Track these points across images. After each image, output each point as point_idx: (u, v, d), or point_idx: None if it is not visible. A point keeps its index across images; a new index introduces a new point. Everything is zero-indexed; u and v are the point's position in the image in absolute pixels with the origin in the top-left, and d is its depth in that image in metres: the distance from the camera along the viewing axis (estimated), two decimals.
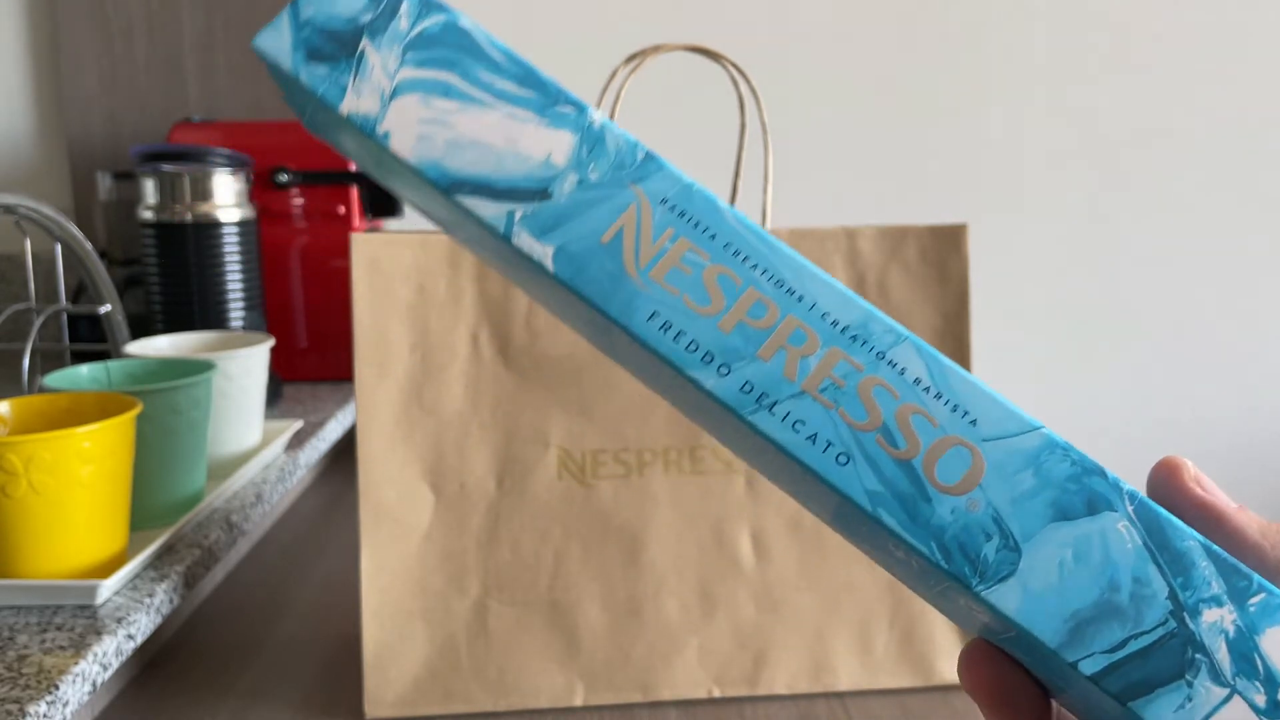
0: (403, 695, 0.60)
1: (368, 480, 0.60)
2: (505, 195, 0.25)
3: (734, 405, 0.24)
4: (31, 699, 0.48)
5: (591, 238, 0.25)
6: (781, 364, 0.24)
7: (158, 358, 0.75)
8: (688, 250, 0.25)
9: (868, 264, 0.63)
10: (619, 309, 0.24)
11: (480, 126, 0.25)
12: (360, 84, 0.25)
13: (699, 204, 0.25)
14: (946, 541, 0.23)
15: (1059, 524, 0.23)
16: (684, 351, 0.24)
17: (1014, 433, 0.24)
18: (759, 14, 1.43)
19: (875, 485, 0.23)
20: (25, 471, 0.55)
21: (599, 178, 0.25)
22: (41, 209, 0.77)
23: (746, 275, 0.25)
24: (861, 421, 0.24)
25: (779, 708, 0.62)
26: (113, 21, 1.33)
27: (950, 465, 0.24)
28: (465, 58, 0.26)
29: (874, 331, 0.24)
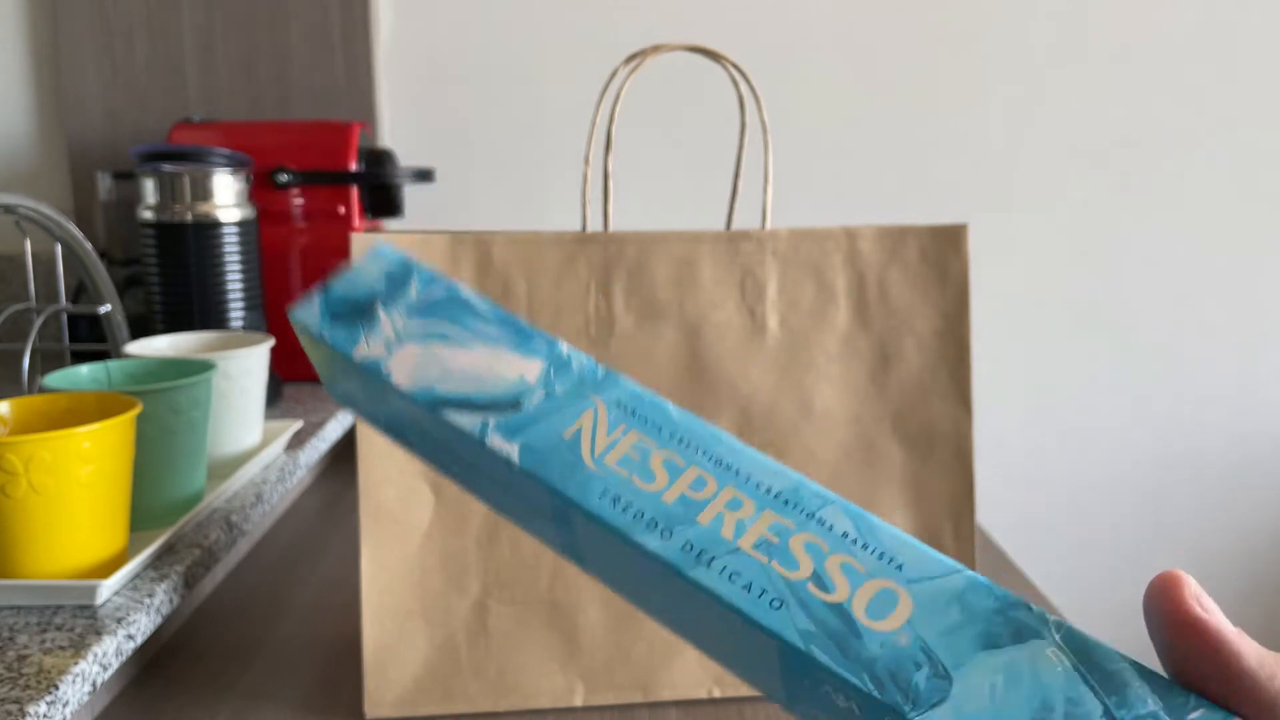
0: (403, 695, 0.60)
1: (368, 480, 0.60)
2: (482, 408, 0.29)
3: (676, 563, 0.26)
4: (31, 699, 0.48)
5: (554, 436, 0.29)
6: (719, 526, 0.27)
7: (158, 358, 0.75)
8: (637, 440, 0.29)
9: (868, 264, 0.63)
10: (575, 490, 0.28)
11: (466, 360, 0.30)
12: (372, 338, 0.31)
13: (648, 405, 0.29)
14: (878, 672, 0.24)
15: (987, 652, 0.24)
16: (630, 520, 0.27)
17: (938, 575, 0.25)
18: (759, 15, 1.43)
19: (808, 625, 0.25)
20: (25, 471, 0.55)
21: (564, 391, 0.30)
22: (41, 209, 0.77)
23: (689, 457, 0.28)
24: (794, 571, 0.26)
25: (779, 708, 0.62)
26: (113, 22, 1.33)
27: (879, 605, 0.25)
28: (458, 312, 0.31)
29: (804, 496, 0.27)
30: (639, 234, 0.61)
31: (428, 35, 1.42)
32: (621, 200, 1.44)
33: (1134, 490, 1.56)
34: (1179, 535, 1.57)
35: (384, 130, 1.42)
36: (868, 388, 0.64)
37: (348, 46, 1.35)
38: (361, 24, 1.35)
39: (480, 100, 1.44)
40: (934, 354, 0.64)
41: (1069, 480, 1.55)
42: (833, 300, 0.63)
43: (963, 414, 0.64)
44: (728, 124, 1.44)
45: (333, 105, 1.35)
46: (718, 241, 0.62)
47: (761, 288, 0.63)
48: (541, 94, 1.44)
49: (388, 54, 1.42)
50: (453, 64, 1.43)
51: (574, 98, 1.43)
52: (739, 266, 0.62)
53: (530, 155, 1.45)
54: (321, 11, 1.34)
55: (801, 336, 0.63)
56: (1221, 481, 1.56)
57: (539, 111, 1.44)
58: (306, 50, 1.34)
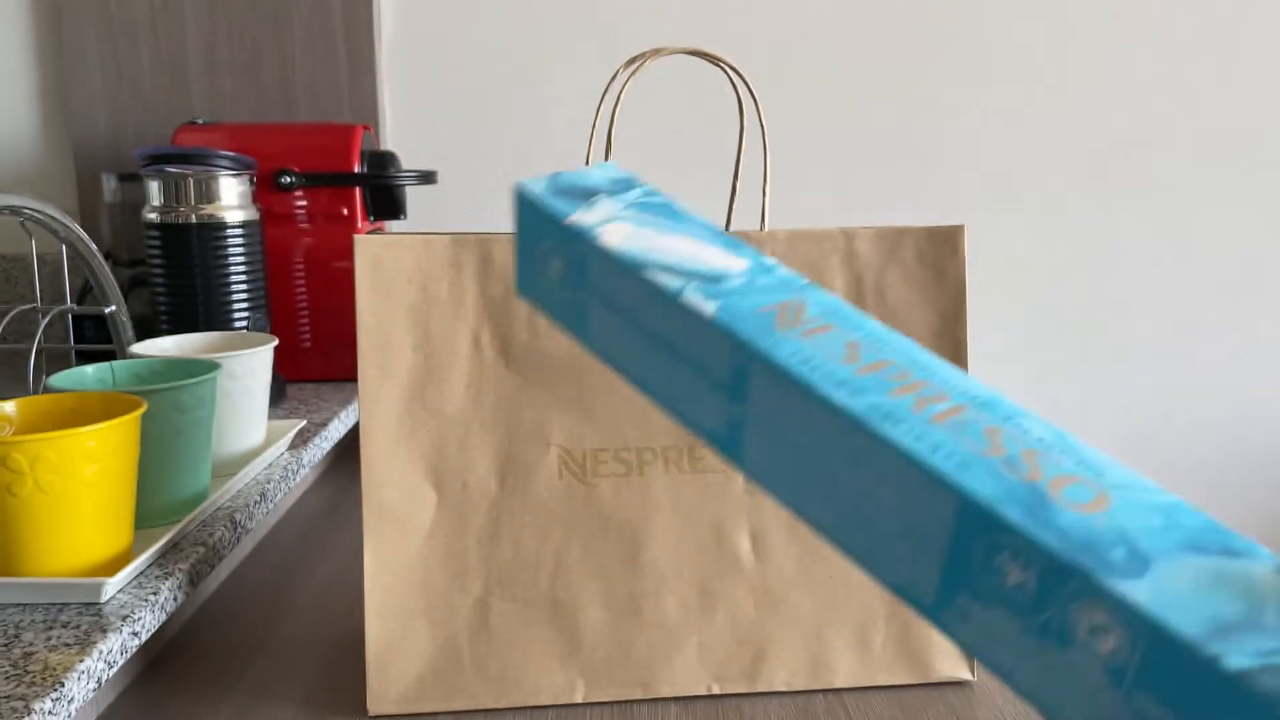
0: (405, 692, 0.61)
1: (370, 479, 0.61)
2: (684, 275, 0.30)
3: (862, 417, 0.25)
4: (37, 696, 0.49)
5: (750, 307, 0.29)
6: (911, 402, 0.25)
7: (162, 358, 0.76)
8: (835, 329, 0.28)
9: (865, 265, 0.64)
10: (765, 346, 0.27)
11: (674, 243, 0.32)
12: (588, 211, 0.32)
13: (849, 311, 0.29)
14: (1069, 538, 0.22)
15: (1195, 554, 0.21)
16: (819, 378, 0.26)
17: (1141, 488, 0.23)
18: (758, 18, 1.44)
19: (996, 489, 0.23)
20: (31, 471, 0.56)
21: (765, 284, 0.30)
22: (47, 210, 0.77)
23: (884, 351, 0.27)
24: (985, 449, 0.24)
25: (778, 704, 0.62)
26: (117, 24, 1.34)
27: (1075, 493, 0.23)
28: (673, 215, 0.33)
29: (1004, 403, 0.26)
30: None
31: (430, 38, 1.43)
32: None
33: None
34: None
35: (387, 132, 1.43)
36: None
37: (351, 49, 1.35)
38: (364, 26, 1.35)
39: (482, 103, 1.44)
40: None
41: None
42: None
43: None
44: (727, 126, 1.45)
45: (336, 107, 1.36)
46: None
47: None
48: (542, 97, 1.44)
49: (390, 56, 1.43)
50: (455, 67, 1.43)
51: (575, 101, 1.44)
52: None
53: (531, 157, 1.45)
54: (324, 14, 1.35)
55: None
56: (1219, 482, 1.56)
57: (540, 114, 1.44)
58: (310, 53, 1.35)
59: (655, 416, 0.62)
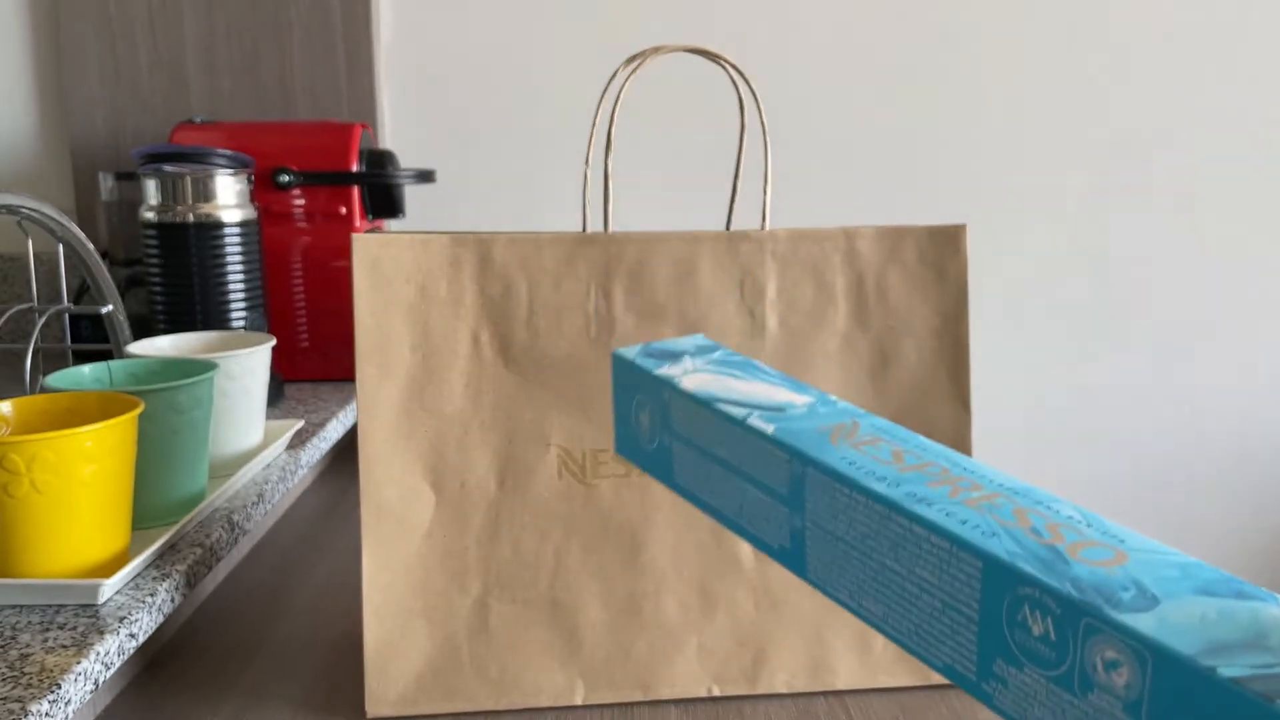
0: (404, 693, 0.60)
1: (369, 479, 0.60)
2: (750, 406, 0.35)
3: (898, 501, 0.29)
4: (34, 698, 0.49)
5: (808, 428, 0.34)
6: (947, 490, 0.29)
7: (160, 358, 0.75)
8: (884, 442, 0.32)
9: (866, 265, 0.64)
10: (816, 455, 0.32)
11: (746, 386, 0.37)
12: (673, 367, 0.38)
13: (900, 431, 0.33)
14: (1082, 585, 0.24)
15: (1205, 597, 0.23)
16: (863, 475, 0.30)
17: (1163, 551, 0.25)
18: (758, 16, 1.43)
19: (1017, 550, 0.25)
20: (28, 471, 0.56)
21: (826, 412, 0.35)
22: (44, 209, 0.77)
23: (929, 456, 0.31)
24: (1012, 523, 0.27)
25: (778, 706, 0.62)
26: (115, 23, 1.33)
27: (1093, 553, 0.25)
28: (748, 370, 0.38)
29: (1038, 492, 0.29)
30: (639, 234, 0.62)
31: (429, 37, 1.43)
32: (621, 201, 1.45)
33: (1133, 490, 1.56)
34: (1178, 535, 1.57)
35: (385, 131, 1.43)
36: (867, 388, 0.64)
37: (349, 48, 1.35)
38: (363, 25, 1.35)
39: (481, 101, 1.44)
40: (933, 354, 0.64)
41: (1067, 480, 1.55)
42: (832, 301, 0.63)
43: (962, 414, 0.64)
44: (727, 125, 1.44)
45: (334, 106, 1.36)
46: (717, 242, 0.62)
47: (761, 288, 0.63)
48: (542, 95, 1.44)
49: (389, 55, 1.43)
50: (454, 65, 1.43)
51: (574, 99, 1.44)
52: (738, 267, 0.63)
53: (530, 156, 1.45)
54: (323, 13, 1.34)
55: (801, 337, 0.63)
56: (1221, 481, 1.56)
57: (539, 113, 1.44)
58: (308, 51, 1.35)
59: None
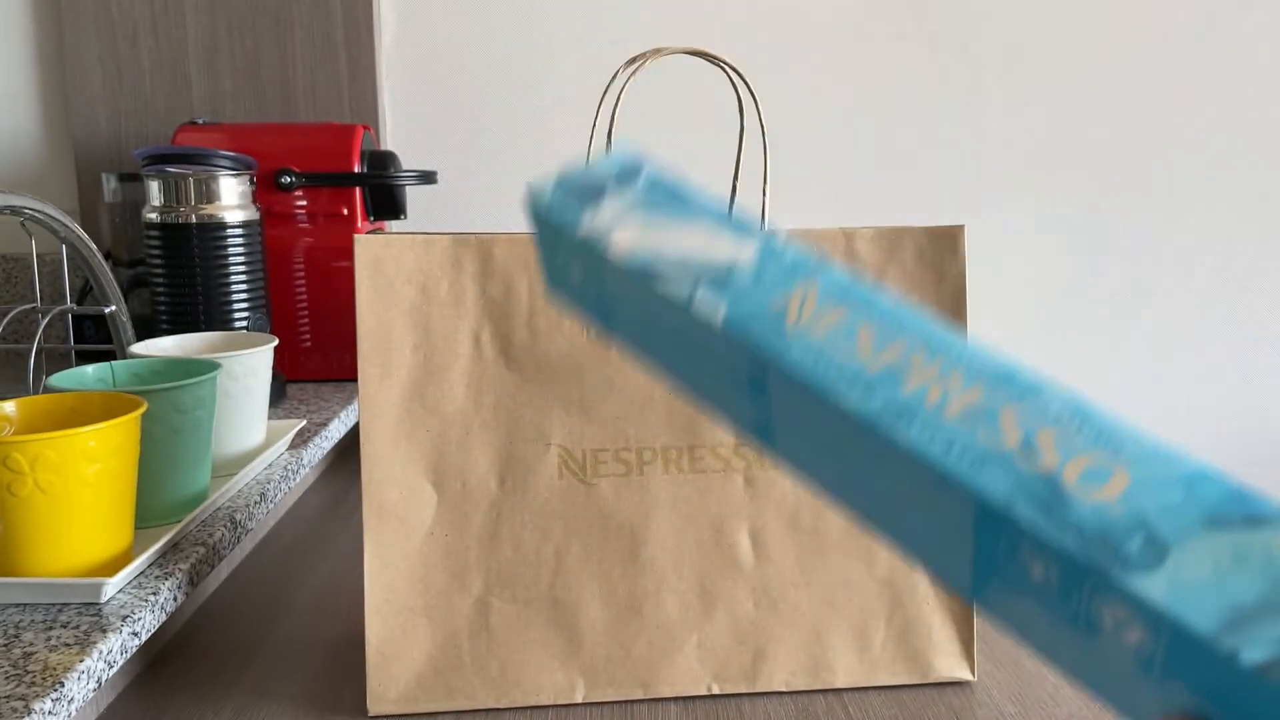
0: (405, 692, 0.61)
1: (371, 479, 0.61)
2: (693, 275, 0.30)
3: (873, 419, 0.25)
4: (37, 696, 0.49)
5: (760, 306, 0.29)
6: (924, 394, 0.26)
7: (163, 358, 0.76)
8: (845, 315, 0.28)
9: (865, 265, 0.64)
10: (775, 350, 0.28)
11: (683, 237, 0.32)
12: (597, 215, 0.33)
13: (861, 289, 0.29)
14: (1085, 534, 0.22)
15: (1214, 532, 0.21)
16: (830, 379, 0.26)
17: (1162, 459, 0.23)
18: (758, 18, 1.44)
19: (1009, 486, 0.23)
20: (31, 470, 0.56)
21: (775, 272, 0.30)
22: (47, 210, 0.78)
23: (898, 334, 0.27)
24: (999, 438, 0.24)
25: (778, 704, 0.62)
26: (118, 24, 1.34)
27: (1091, 476, 0.23)
28: (680, 204, 0.33)
29: (1018, 379, 0.25)
30: None
31: (430, 38, 1.43)
32: None
33: None
34: None
35: (387, 132, 1.43)
36: None
37: (351, 49, 1.35)
38: (364, 27, 1.35)
39: (482, 103, 1.44)
40: None
41: None
42: None
43: None
44: (727, 126, 1.45)
45: (336, 107, 1.36)
46: None
47: None
48: (543, 97, 1.44)
49: (390, 57, 1.43)
50: (455, 67, 1.43)
51: (575, 100, 1.44)
52: None
53: (531, 157, 1.45)
54: (325, 14, 1.35)
55: None
56: None
57: (540, 114, 1.44)
58: (310, 53, 1.35)
59: (655, 416, 0.62)
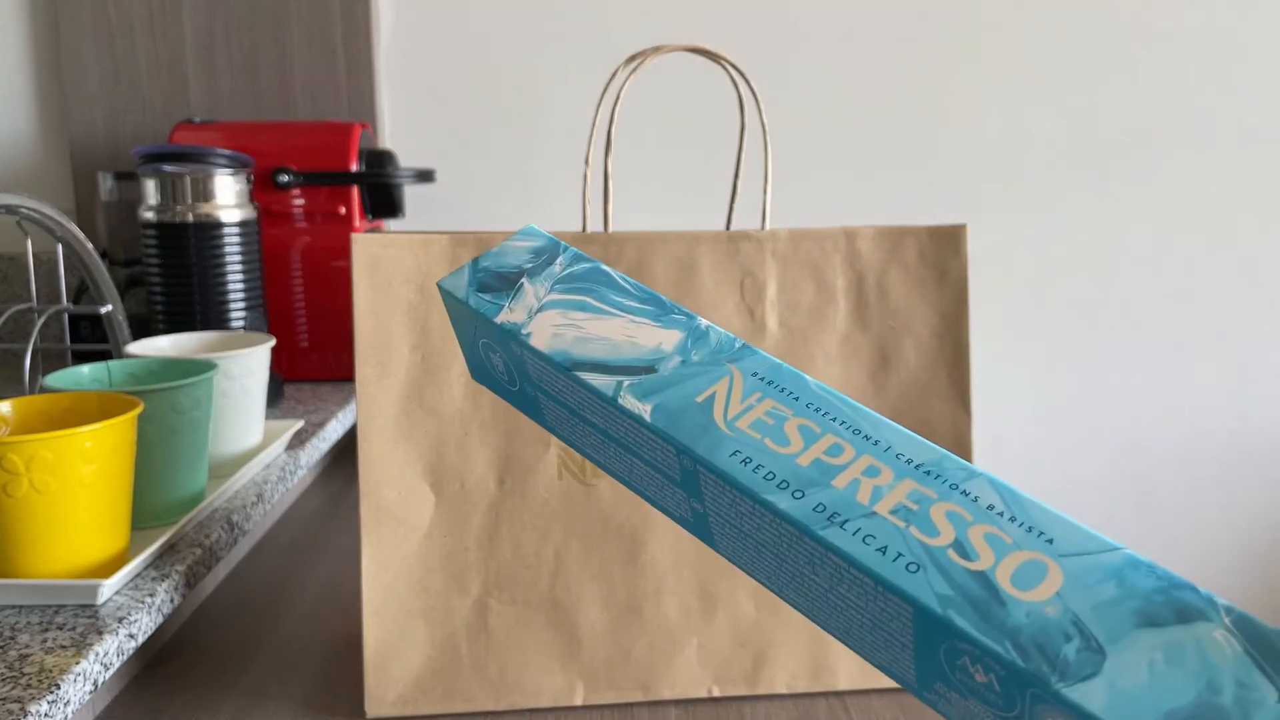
0: (404, 694, 0.60)
1: (369, 480, 0.60)
2: (617, 371, 0.30)
3: (806, 523, 0.25)
4: (33, 698, 0.48)
5: (687, 399, 0.29)
6: (855, 491, 0.25)
7: (159, 358, 0.75)
8: (772, 407, 0.28)
9: (867, 264, 0.63)
10: (705, 449, 0.27)
11: (604, 327, 0.31)
12: (515, 304, 0.32)
13: (786, 376, 0.29)
14: (1022, 641, 0.22)
15: (1147, 630, 0.21)
16: (761, 480, 0.26)
17: (1093, 550, 0.23)
18: (759, 16, 1.43)
19: (946, 590, 0.23)
20: (27, 471, 0.56)
21: (700, 359, 0.30)
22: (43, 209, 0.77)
23: (825, 425, 0.27)
24: (933, 538, 0.24)
25: (778, 707, 0.62)
26: (114, 22, 1.33)
27: (1025, 574, 0.23)
28: (600, 287, 0.32)
29: (948, 468, 0.25)
30: (639, 234, 0.62)
31: (428, 36, 1.42)
32: (621, 200, 1.45)
33: (1132, 490, 1.56)
34: (1178, 535, 1.57)
35: (384, 131, 1.43)
36: (867, 388, 0.64)
37: (349, 47, 1.35)
38: (363, 25, 1.35)
39: (480, 101, 1.44)
40: (933, 354, 0.64)
41: (1067, 480, 1.55)
42: (832, 300, 0.63)
43: (962, 414, 0.64)
44: (727, 125, 1.44)
45: (334, 106, 1.36)
46: (717, 242, 0.62)
47: (761, 288, 0.63)
48: (541, 95, 1.44)
49: (388, 55, 1.43)
50: (453, 65, 1.43)
51: (574, 98, 1.43)
52: (739, 267, 0.62)
53: (530, 156, 1.45)
54: (323, 12, 1.34)
55: (801, 336, 0.63)
56: (1220, 481, 1.56)
57: (539, 112, 1.44)
58: (308, 51, 1.35)
59: None
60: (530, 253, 0.34)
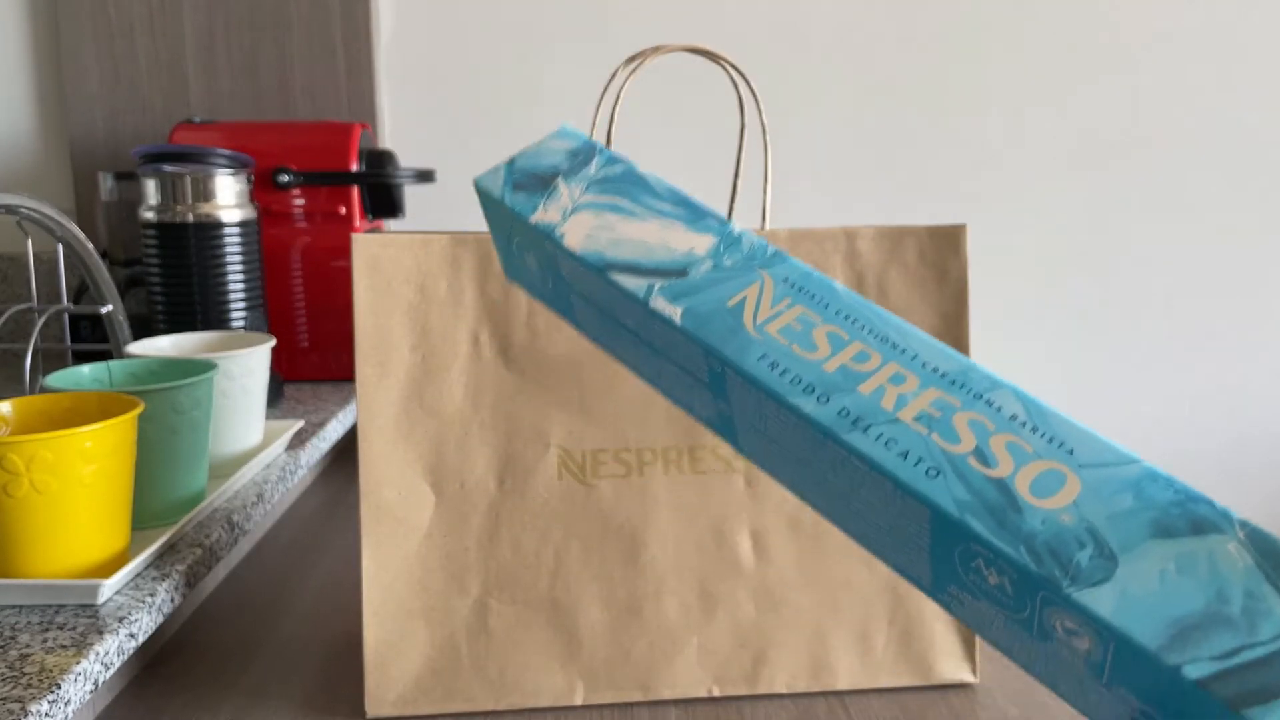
0: (404, 694, 0.60)
1: (369, 480, 0.60)
2: (649, 273, 0.30)
3: (830, 427, 0.25)
4: (33, 698, 0.48)
5: (717, 302, 0.29)
6: (880, 397, 0.26)
7: (159, 358, 0.75)
8: (801, 313, 0.28)
9: (867, 265, 0.64)
10: (734, 352, 0.28)
11: (637, 230, 0.31)
12: (549, 204, 0.32)
13: (816, 282, 0.29)
14: (1037, 547, 0.22)
15: (1161, 540, 0.22)
16: (788, 384, 0.27)
17: (1112, 462, 0.23)
18: (759, 16, 1.43)
19: (964, 494, 0.23)
20: (27, 471, 0.56)
21: (732, 264, 0.30)
22: (43, 209, 0.77)
23: (853, 332, 0.27)
24: (954, 445, 0.24)
25: (778, 706, 0.62)
26: (114, 22, 1.33)
27: (1044, 483, 0.23)
28: (635, 189, 0.32)
29: (972, 378, 0.26)
30: None
31: (429, 36, 1.42)
32: None
33: None
34: None
35: (385, 131, 1.43)
36: None
37: (349, 47, 1.35)
38: (363, 25, 1.35)
39: (481, 101, 1.44)
40: None
41: None
42: None
43: None
44: (727, 124, 1.44)
45: (334, 106, 1.36)
46: None
47: None
48: (542, 95, 1.44)
49: (389, 55, 1.43)
50: (453, 65, 1.43)
51: (574, 98, 1.43)
52: None
53: None
54: (323, 12, 1.34)
55: None
56: (1219, 482, 1.56)
57: (539, 112, 1.44)
58: (308, 51, 1.35)
59: (655, 416, 0.62)
60: (566, 153, 0.34)
